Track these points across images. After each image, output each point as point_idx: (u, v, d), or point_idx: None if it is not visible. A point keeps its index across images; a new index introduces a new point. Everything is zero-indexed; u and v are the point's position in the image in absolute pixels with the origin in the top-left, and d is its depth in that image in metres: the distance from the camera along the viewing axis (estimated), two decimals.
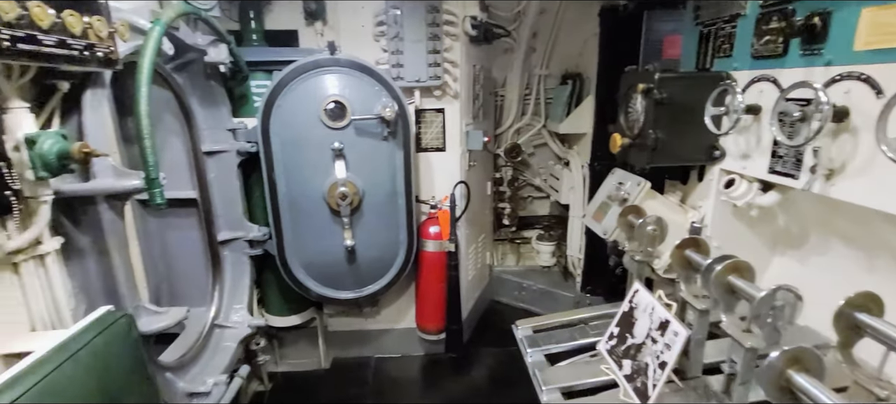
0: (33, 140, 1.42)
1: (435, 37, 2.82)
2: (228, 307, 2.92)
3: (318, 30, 2.87)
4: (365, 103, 2.63)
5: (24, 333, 1.66)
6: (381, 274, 3.09)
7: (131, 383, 1.74)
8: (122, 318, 1.74)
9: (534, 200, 4.54)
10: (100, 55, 1.54)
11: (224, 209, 2.80)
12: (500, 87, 4.02)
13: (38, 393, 1.38)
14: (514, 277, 4.38)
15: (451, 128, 3.14)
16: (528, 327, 2.45)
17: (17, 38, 1.24)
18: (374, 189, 2.81)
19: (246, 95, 2.78)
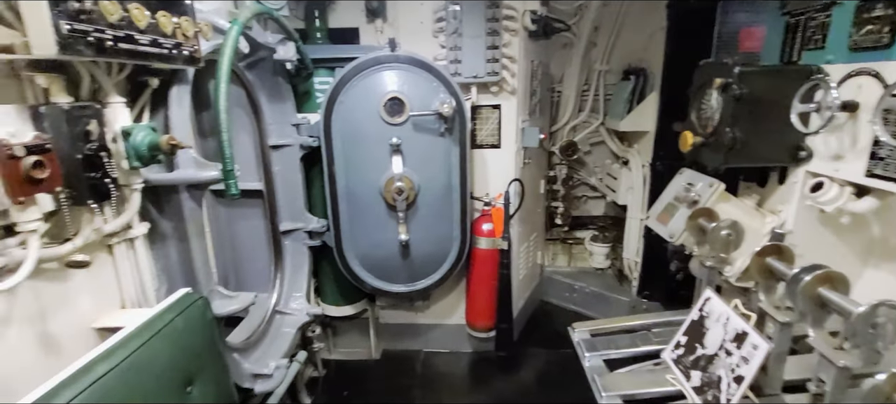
0: (128, 132, 1.54)
1: (494, 32, 2.79)
2: (288, 295, 3.04)
3: (379, 27, 2.92)
4: (423, 99, 2.64)
5: (116, 309, 1.81)
6: (433, 269, 3.11)
7: (206, 361, 1.84)
8: (199, 300, 1.86)
9: (588, 200, 4.40)
10: (185, 54, 1.64)
11: (287, 201, 2.92)
12: (556, 83, 3.92)
13: (128, 366, 1.49)
14: (565, 278, 4.28)
15: (507, 124, 3.10)
16: (585, 330, 2.38)
17: (118, 38, 1.34)
18: (430, 185, 2.83)
19: (309, 92, 2.88)
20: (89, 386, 1.35)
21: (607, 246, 4.23)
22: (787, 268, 1.59)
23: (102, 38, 1.28)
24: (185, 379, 1.70)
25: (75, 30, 1.20)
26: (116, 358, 1.47)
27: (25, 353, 1.44)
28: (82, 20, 1.22)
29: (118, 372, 1.45)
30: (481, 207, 3.22)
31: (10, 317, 1.39)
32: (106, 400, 1.38)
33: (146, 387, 1.53)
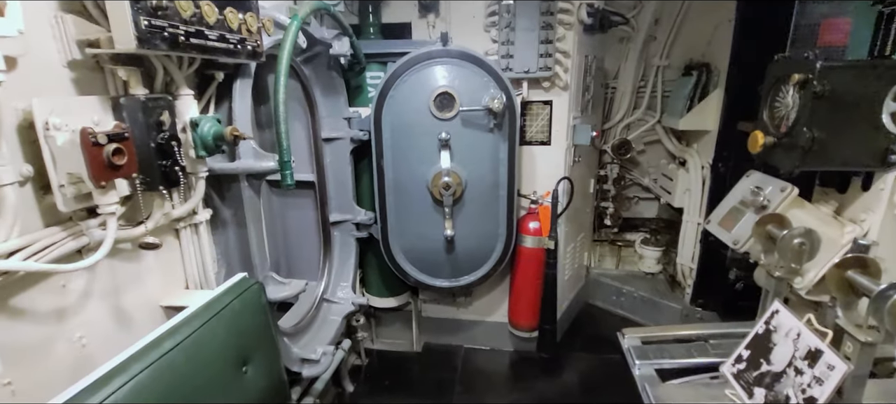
0: (196, 123, 1.62)
1: (548, 26, 2.71)
2: (335, 284, 3.13)
3: (431, 22, 2.92)
4: (473, 94, 2.62)
5: (180, 289, 1.93)
6: (477, 265, 3.09)
7: (260, 343, 1.92)
8: (255, 285, 1.94)
9: (640, 201, 4.22)
10: (249, 48, 1.70)
11: (336, 192, 3.00)
12: (611, 79, 3.77)
13: (191, 344, 1.58)
14: (612, 281, 4.13)
15: (558, 121, 3.02)
16: (636, 337, 2.28)
17: (190, 33, 1.41)
18: (477, 180, 2.81)
19: (361, 86, 2.93)
20: (157, 360, 1.45)
21: (659, 250, 4.04)
22: (873, 283, 1.44)
23: (176, 34, 1.35)
24: (241, 359, 1.79)
25: (153, 26, 1.28)
26: (181, 334, 1.56)
27: (102, 324, 1.57)
28: (159, 16, 1.30)
29: (182, 349, 1.54)
30: (528, 205, 3.16)
31: (91, 292, 1.51)
32: (171, 373, 1.47)
33: (207, 364, 1.62)
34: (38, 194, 1.31)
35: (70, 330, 1.45)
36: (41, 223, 1.32)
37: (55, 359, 1.40)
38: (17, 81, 1.17)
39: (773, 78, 2.04)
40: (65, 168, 1.26)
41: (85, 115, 1.32)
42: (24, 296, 1.30)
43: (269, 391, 1.94)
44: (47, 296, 1.36)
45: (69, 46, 1.32)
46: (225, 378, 1.70)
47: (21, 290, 1.29)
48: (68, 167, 1.25)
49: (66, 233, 1.35)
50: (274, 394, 1.99)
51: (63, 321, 1.42)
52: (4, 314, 1.25)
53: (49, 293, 1.36)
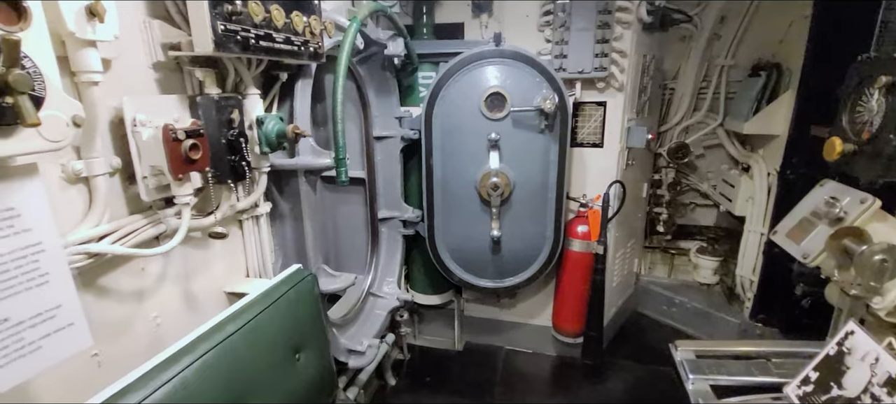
0: (261, 121, 1.71)
1: (605, 25, 2.64)
2: (382, 279, 3.20)
3: (484, 22, 2.92)
4: (525, 94, 2.60)
5: (241, 277, 2.04)
6: (523, 267, 3.06)
7: (312, 332, 2.00)
8: (309, 276, 2.02)
9: (697, 208, 4.02)
10: (311, 50, 1.78)
11: (385, 190, 3.07)
12: (670, 80, 3.61)
13: (251, 329, 1.67)
14: (663, 290, 3.96)
15: (612, 123, 2.93)
16: (690, 349, 2.18)
17: (260, 36, 1.50)
18: (526, 181, 2.78)
19: (413, 85, 2.98)
20: (221, 342, 1.54)
21: (716, 260, 3.83)
22: None
23: (248, 37, 1.43)
24: (295, 347, 1.87)
25: (228, 30, 1.37)
26: (242, 320, 1.66)
27: (174, 306, 1.69)
28: (233, 21, 1.38)
29: (243, 333, 1.63)
30: (577, 208, 3.09)
31: (165, 275, 1.63)
32: (233, 355, 1.56)
33: (264, 349, 1.70)
34: (124, 184, 1.43)
35: (147, 309, 1.57)
36: (126, 211, 1.45)
37: (133, 336, 1.53)
38: (111, 81, 1.29)
39: (855, 80, 1.88)
40: (148, 161, 1.37)
41: (166, 113, 1.43)
42: (110, 277, 1.43)
43: (319, 378, 2.01)
44: (129, 278, 1.49)
45: (154, 49, 1.43)
46: (280, 363, 1.78)
47: (108, 271, 1.42)
48: (151, 160, 1.36)
49: (147, 221, 1.47)
50: (323, 382, 2.06)
51: (142, 301, 1.55)
52: (94, 292, 1.38)
53: (130, 275, 1.49)
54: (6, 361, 1.01)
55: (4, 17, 0.90)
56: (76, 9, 1.08)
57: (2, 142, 0.91)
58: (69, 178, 1.25)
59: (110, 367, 1.43)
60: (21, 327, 1.04)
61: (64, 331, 1.13)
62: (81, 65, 1.16)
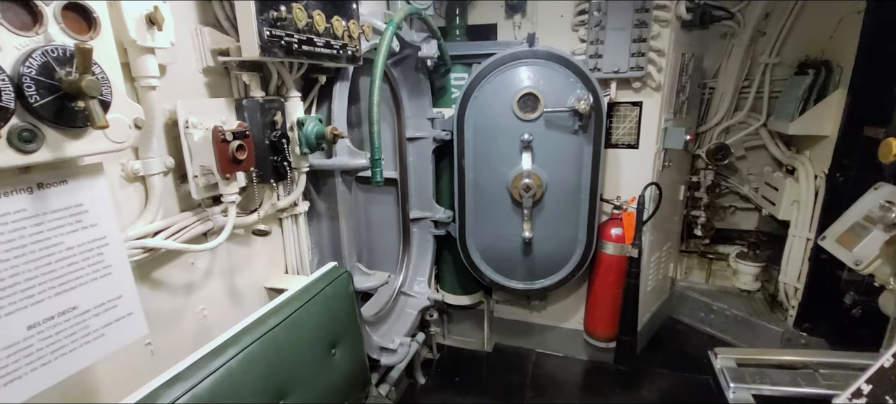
0: (302, 122, 1.77)
1: (642, 23, 2.58)
2: (413, 278, 3.24)
3: (517, 23, 2.91)
4: (558, 95, 2.57)
5: (280, 273, 2.11)
6: (554, 269, 3.03)
7: (347, 329, 2.05)
8: (344, 274, 2.07)
9: (737, 211, 3.87)
10: (349, 53, 1.82)
11: (417, 190, 3.10)
12: (709, 78, 3.50)
13: (290, 323, 1.72)
14: (701, 296, 3.84)
15: (648, 123, 2.87)
16: (731, 358, 2.11)
17: (302, 41, 1.55)
18: (558, 183, 2.75)
19: (445, 87, 3.00)
20: (263, 335, 1.60)
21: (758, 265, 3.68)
22: None
23: (291, 42, 1.49)
24: (331, 342, 1.92)
25: (273, 35, 1.42)
26: (282, 314, 1.71)
27: (219, 299, 1.77)
28: (278, 26, 1.44)
29: (283, 327, 1.69)
30: (611, 210, 3.04)
31: (212, 270, 1.71)
32: (274, 348, 1.62)
33: (303, 344, 1.76)
34: (176, 182, 1.51)
35: (195, 302, 1.65)
36: (177, 208, 1.53)
37: (182, 327, 1.61)
38: (166, 86, 1.37)
39: None
40: (198, 161, 1.44)
41: (215, 115, 1.50)
42: (163, 271, 1.51)
43: (353, 374, 2.06)
44: (179, 272, 1.57)
45: (205, 54, 1.50)
46: (318, 357, 1.84)
47: (161, 265, 1.50)
48: (201, 160, 1.43)
49: (196, 218, 1.54)
50: (357, 378, 2.11)
51: (190, 294, 1.63)
52: (148, 284, 1.46)
53: (181, 269, 1.57)
54: (75, 346, 1.09)
55: (77, 26, 0.97)
56: (138, 18, 1.16)
57: (73, 143, 0.98)
58: (128, 177, 1.33)
59: (162, 356, 1.51)
60: (87, 315, 1.12)
61: (124, 321, 1.20)
62: (141, 70, 1.23)
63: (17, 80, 0.85)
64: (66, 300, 1.07)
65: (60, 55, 0.90)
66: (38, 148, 0.91)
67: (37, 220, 1.00)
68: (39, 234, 1.01)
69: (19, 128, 0.87)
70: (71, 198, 1.05)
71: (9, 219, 0.95)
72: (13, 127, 0.87)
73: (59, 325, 1.06)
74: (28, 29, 0.88)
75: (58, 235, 1.04)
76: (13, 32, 0.86)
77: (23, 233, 0.98)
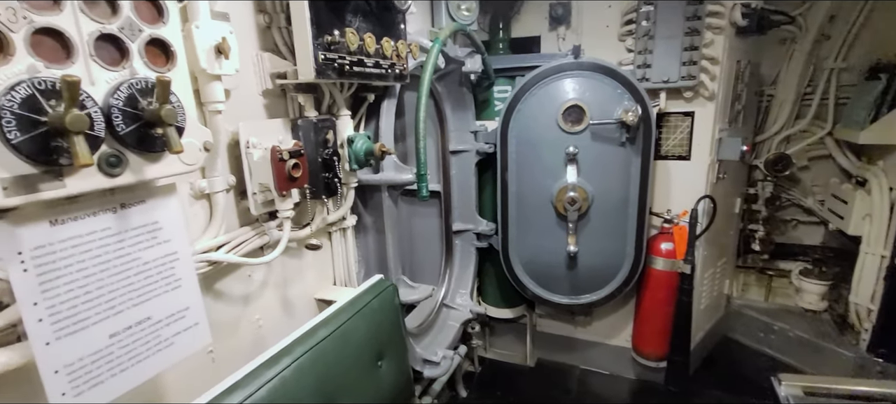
0: (351, 140, 1.83)
1: (693, 31, 2.50)
2: (455, 291, 3.25)
3: (561, 34, 2.89)
4: (604, 107, 2.52)
5: (329, 285, 2.18)
6: (600, 284, 2.95)
7: (392, 341, 2.08)
8: (390, 287, 2.10)
9: (799, 225, 3.63)
10: (397, 72, 1.87)
11: (460, 203, 3.11)
12: (767, 85, 3.32)
13: (339, 335, 1.77)
14: (760, 315, 3.61)
15: (701, 134, 2.75)
16: (797, 385, 1.97)
17: (353, 62, 1.61)
18: (605, 196, 2.69)
19: (488, 99, 3.02)
20: (313, 347, 1.65)
21: (825, 284, 3.42)
22: None
23: (343, 64, 1.55)
24: (377, 354, 1.95)
25: (327, 58, 1.48)
26: (331, 326, 1.76)
27: (273, 310, 1.85)
28: (332, 50, 1.50)
29: (332, 339, 1.74)
30: (661, 224, 2.92)
31: (267, 282, 1.79)
32: (324, 360, 1.66)
33: (350, 355, 1.80)
34: (237, 199, 1.60)
35: (251, 312, 1.73)
36: (237, 223, 1.61)
37: (240, 336, 1.69)
38: (230, 109, 1.46)
39: None
40: (257, 179, 1.52)
41: (272, 135, 1.58)
42: (224, 282, 1.60)
43: (398, 386, 2.08)
44: (238, 284, 1.65)
45: (264, 78, 1.59)
46: (365, 369, 1.87)
47: (222, 277, 1.58)
48: (260, 178, 1.51)
49: (254, 233, 1.62)
50: (402, 390, 2.13)
51: (248, 305, 1.71)
52: (211, 295, 1.55)
53: (239, 281, 1.66)
54: (149, 354, 1.17)
55: (157, 59, 1.05)
56: (208, 48, 1.24)
57: (152, 166, 1.06)
58: (195, 195, 1.42)
59: (221, 363, 1.59)
60: (159, 325, 1.20)
61: (191, 330, 1.28)
62: (209, 96, 1.32)
63: (106, 111, 0.94)
64: (142, 311, 1.16)
65: (143, 87, 0.98)
66: (122, 171, 0.99)
67: (119, 237, 1.09)
68: (121, 250, 1.10)
69: (107, 154, 0.96)
70: (148, 216, 1.14)
71: (96, 237, 1.04)
72: (102, 153, 0.95)
73: (135, 334, 1.15)
74: (117, 64, 0.97)
75: (136, 251, 1.13)
76: (104, 68, 0.94)
77: (107, 249, 1.07)
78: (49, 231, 0.96)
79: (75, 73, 0.89)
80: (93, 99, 0.91)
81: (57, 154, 0.86)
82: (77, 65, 0.90)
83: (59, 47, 0.88)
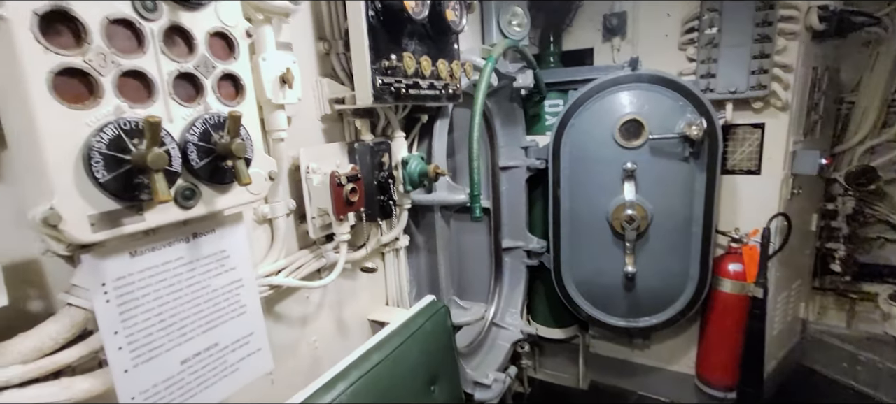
0: (406, 162, 1.82)
1: (763, 38, 2.33)
2: (505, 310, 3.16)
3: (616, 45, 2.78)
4: (665, 120, 2.39)
5: (382, 306, 2.17)
6: (661, 307, 2.78)
7: (444, 364, 2.04)
8: (442, 308, 2.07)
9: (886, 244, 3.28)
10: (450, 92, 1.85)
11: (510, 219, 3.05)
12: (848, 93, 3.04)
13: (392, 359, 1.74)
14: (842, 343, 3.28)
15: (773, 146, 2.55)
16: None
17: (409, 85, 1.60)
18: (666, 214, 2.54)
19: (539, 114, 2.94)
20: (368, 371, 1.64)
21: None
22: None
23: (400, 88, 1.54)
24: (430, 378, 1.92)
25: (384, 83, 1.48)
26: (385, 350, 1.75)
27: (329, 331, 1.85)
28: (388, 74, 1.50)
29: (386, 363, 1.72)
30: (728, 243, 2.73)
31: (323, 304, 1.80)
32: (377, 384, 1.64)
33: (404, 380, 1.77)
34: (296, 222, 1.62)
35: (308, 334, 1.75)
36: (296, 246, 1.63)
37: (298, 358, 1.71)
38: (292, 135, 1.48)
39: None
40: (317, 203, 1.53)
41: (331, 160, 1.59)
42: (283, 305, 1.62)
43: None
44: (297, 306, 1.67)
45: (323, 104, 1.62)
46: (418, 394, 1.84)
47: (282, 300, 1.61)
48: (319, 203, 1.52)
49: (312, 255, 1.64)
50: None
51: (305, 326, 1.72)
52: (271, 318, 1.57)
53: (298, 303, 1.67)
54: (216, 379, 1.19)
55: (228, 93, 1.08)
56: (273, 79, 1.27)
57: (222, 197, 1.09)
58: (259, 220, 1.45)
59: (280, 386, 1.61)
60: (226, 351, 1.22)
61: (254, 356, 1.30)
62: (274, 125, 1.35)
63: (182, 146, 0.96)
64: (211, 337, 1.18)
65: (216, 121, 1.01)
66: (195, 203, 1.02)
67: (191, 266, 1.12)
68: (192, 278, 1.12)
69: (183, 188, 0.99)
70: (217, 244, 1.16)
71: (171, 266, 1.08)
72: (178, 187, 0.98)
73: (204, 360, 1.17)
74: (192, 100, 1.00)
75: (206, 278, 1.15)
76: (181, 104, 0.98)
77: (180, 278, 1.10)
78: (129, 262, 1.00)
79: (156, 112, 0.93)
80: (171, 136, 0.94)
81: (138, 190, 0.89)
82: (157, 103, 0.93)
83: (141, 87, 0.91)
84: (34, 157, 0.80)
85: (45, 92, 0.77)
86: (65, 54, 0.79)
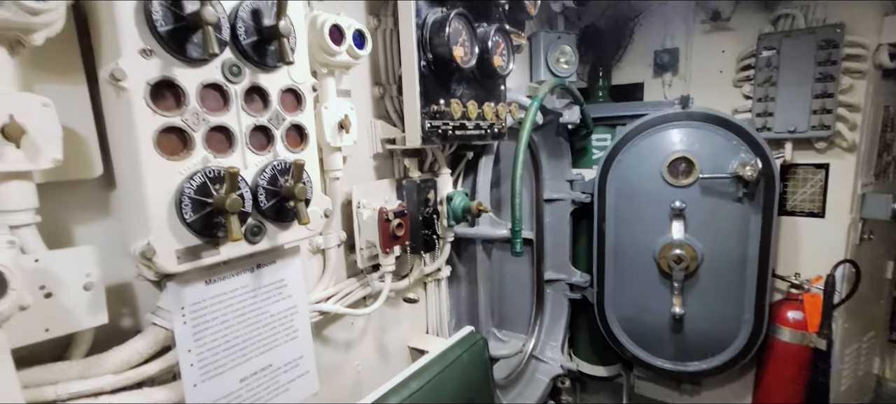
0: (450, 197, 1.90)
1: (826, 77, 2.23)
2: (545, 343, 3.13)
3: (667, 81, 2.75)
4: (717, 159, 2.33)
5: (422, 334, 2.24)
6: (711, 352, 2.65)
7: (481, 395, 2.06)
8: (480, 340, 2.10)
9: None
10: (495, 131, 1.92)
11: (553, 252, 3.04)
12: None
13: (430, 388, 1.79)
14: None
15: (838, 188, 2.41)
16: None
17: (455, 127, 1.69)
18: (717, 255, 2.45)
19: (586, 148, 2.95)
20: (407, 398, 1.70)
21: None
22: None
23: (447, 129, 1.63)
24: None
25: (433, 126, 1.58)
26: (423, 379, 1.80)
27: (371, 356, 1.94)
28: (436, 117, 1.60)
29: (424, 392, 1.77)
30: (787, 289, 2.57)
31: (367, 330, 1.90)
32: None
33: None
34: (346, 253, 1.74)
35: (352, 358, 1.84)
36: (345, 275, 1.75)
37: (341, 381, 1.80)
38: (346, 172, 1.60)
39: None
40: (365, 236, 1.64)
41: (380, 195, 1.70)
42: (330, 329, 1.73)
43: None
44: (343, 331, 1.77)
45: (375, 143, 1.74)
46: None
47: (329, 325, 1.71)
48: (368, 236, 1.63)
49: (358, 283, 1.74)
50: None
51: (350, 351, 1.82)
52: (319, 341, 1.68)
53: (344, 328, 1.78)
54: (269, 398, 1.30)
55: (294, 140, 1.21)
56: (333, 124, 1.40)
57: (283, 233, 1.21)
58: (313, 251, 1.58)
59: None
60: (278, 372, 1.33)
61: (303, 377, 1.40)
62: (331, 165, 1.48)
63: (253, 189, 1.09)
64: (266, 358, 1.30)
65: (283, 167, 1.13)
66: (262, 239, 1.14)
67: (254, 293, 1.24)
68: (254, 304, 1.25)
69: (252, 226, 1.11)
70: (277, 274, 1.28)
71: (237, 293, 1.20)
72: (248, 225, 1.11)
73: (260, 379, 1.28)
74: (263, 148, 1.13)
75: (266, 305, 1.27)
76: (255, 153, 1.11)
77: (244, 303, 1.23)
78: (204, 289, 1.13)
79: (235, 161, 1.06)
80: (245, 181, 1.07)
81: (216, 228, 1.03)
82: (236, 153, 1.07)
83: (224, 139, 1.05)
84: (137, 200, 0.95)
85: (150, 147, 0.92)
86: (168, 116, 0.94)
